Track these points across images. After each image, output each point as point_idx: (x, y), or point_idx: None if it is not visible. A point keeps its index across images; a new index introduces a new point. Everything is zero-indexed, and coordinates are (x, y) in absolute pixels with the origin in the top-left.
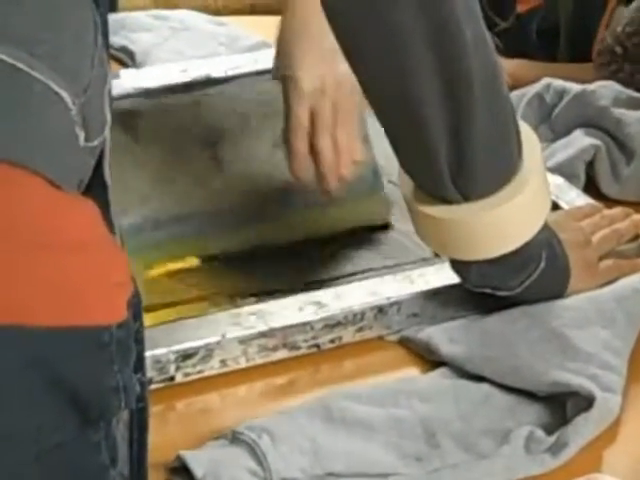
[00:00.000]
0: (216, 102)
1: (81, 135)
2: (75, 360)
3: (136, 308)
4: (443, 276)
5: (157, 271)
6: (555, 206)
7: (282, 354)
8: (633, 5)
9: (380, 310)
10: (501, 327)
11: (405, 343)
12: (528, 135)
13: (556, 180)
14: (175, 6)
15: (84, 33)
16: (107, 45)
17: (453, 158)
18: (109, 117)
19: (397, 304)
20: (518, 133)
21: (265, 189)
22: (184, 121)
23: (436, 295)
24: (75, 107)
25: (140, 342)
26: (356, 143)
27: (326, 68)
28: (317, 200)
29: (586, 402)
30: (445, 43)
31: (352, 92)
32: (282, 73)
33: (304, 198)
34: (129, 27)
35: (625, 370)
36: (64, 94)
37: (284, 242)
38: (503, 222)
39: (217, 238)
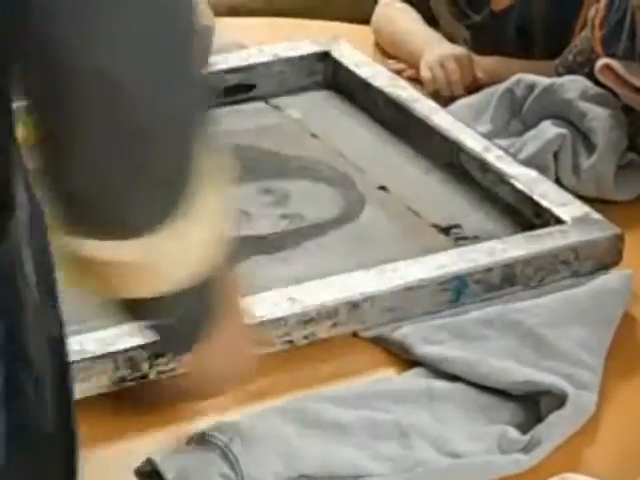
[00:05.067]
0: None
1: None
2: None
3: None
4: (416, 270)
5: None
6: (529, 200)
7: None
8: (583, 34)
9: (354, 305)
10: (476, 327)
11: (380, 342)
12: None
13: (530, 173)
14: None
15: None
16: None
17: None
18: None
19: (370, 299)
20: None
21: None
22: None
23: (410, 290)
24: None
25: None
26: None
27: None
28: None
29: (559, 400)
30: None
31: None
32: None
33: None
34: None
35: (601, 368)
36: None
37: None
38: (163, 262)
39: None
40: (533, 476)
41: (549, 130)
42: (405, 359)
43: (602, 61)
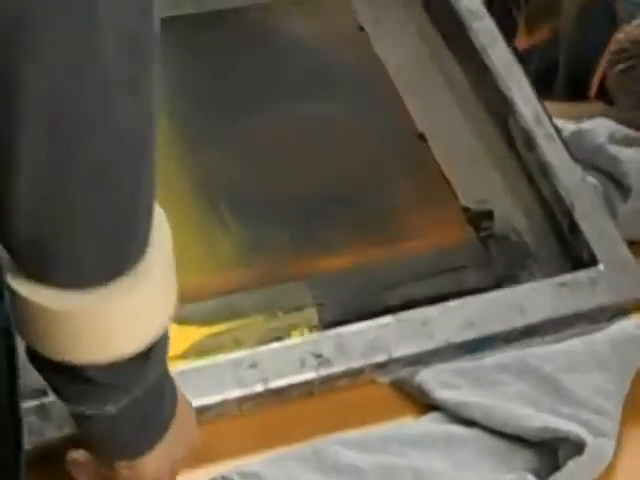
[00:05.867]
0: None
1: None
2: None
3: None
4: (445, 327)
5: None
6: (568, 213)
7: (275, 402)
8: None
9: (378, 365)
10: (493, 372)
11: (398, 385)
12: (160, 222)
13: (576, 171)
14: None
15: None
16: None
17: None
18: None
19: (397, 360)
20: (146, 220)
21: None
22: None
23: (437, 350)
24: None
25: None
26: None
27: None
28: None
29: (577, 448)
30: None
31: None
32: None
33: None
34: None
35: (619, 415)
36: None
37: None
38: (114, 319)
39: None
40: None
41: None
42: (422, 403)
43: None
